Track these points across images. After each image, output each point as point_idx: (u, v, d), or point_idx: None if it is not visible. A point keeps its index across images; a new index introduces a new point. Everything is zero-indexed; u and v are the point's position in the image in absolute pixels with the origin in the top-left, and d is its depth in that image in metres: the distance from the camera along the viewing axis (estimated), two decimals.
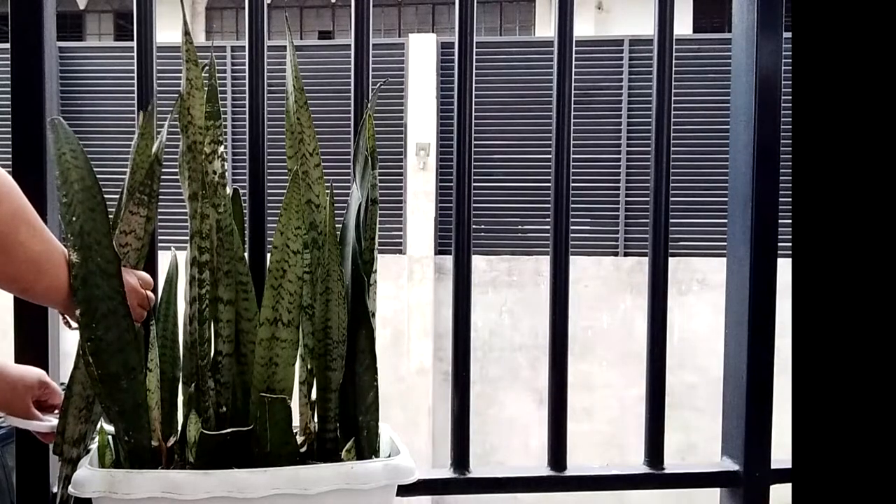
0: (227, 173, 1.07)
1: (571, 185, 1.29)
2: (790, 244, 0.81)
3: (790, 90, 0.83)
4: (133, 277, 1.02)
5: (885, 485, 0.71)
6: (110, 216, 0.98)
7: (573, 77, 1.28)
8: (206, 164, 1.04)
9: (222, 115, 1.06)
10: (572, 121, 1.28)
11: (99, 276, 0.95)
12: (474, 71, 1.26)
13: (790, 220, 0.81)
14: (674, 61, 1.29)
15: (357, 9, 1.24)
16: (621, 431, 6.77)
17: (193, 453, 1.03)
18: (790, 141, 0.82)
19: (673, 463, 1.32)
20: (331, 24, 11.09)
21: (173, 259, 1.11)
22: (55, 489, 1.13)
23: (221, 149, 1.06)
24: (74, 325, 0.95)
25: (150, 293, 1.03)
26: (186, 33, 1.03)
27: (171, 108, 1.07)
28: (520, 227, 7.11)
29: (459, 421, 1.28)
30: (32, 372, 1.11)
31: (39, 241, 0.88)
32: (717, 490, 1.32)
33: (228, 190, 1.08)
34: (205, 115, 1.04)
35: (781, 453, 1.15)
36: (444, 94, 7.04)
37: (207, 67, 1.04)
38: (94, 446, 1.06)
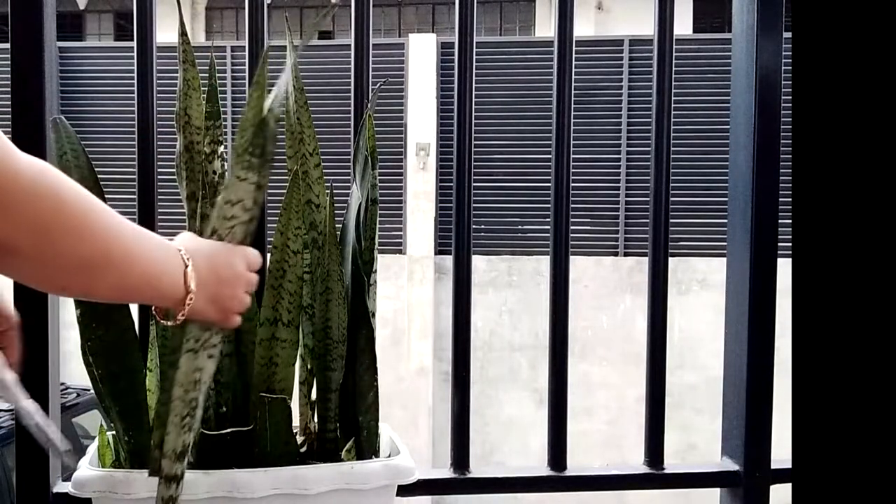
0: (227, 173, 1.07)
1: (571, 185, 1.29)
2: (790, 244, 0.81)
3: (790, 90, 0.83)
4: (237, 257, 0.84)
5: (884, 485, 0.71)
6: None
7: (573, 77, 1.28)
8: (206, 164, 1.04)
9: (222, 115, 1.06)
10: (572, 121, 1.28)
11: None
12: (474, 71, 1.26)
13: (790, 220, 0.81)
14: (674, 61, 1.28)
15: (357, 9, 1.23)
16: (621, 431, 6.77)
17: (193, 453, 1.03)
18: (790, 141, 0.82)
19: (673, 463, 1.32)
20: (331, 24, 11.08)
21: None
22: (55, 489, 1.13)
23: (221, 149, 1.06)
24: (169, 321, 0.81)
25: (254, 275, 0.86)
26: (183, 34, 1.03)
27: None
28: (520, 227, 7.11)
29: (459, 421, 1.28)
30: None
31: (85, 243, 0.72)
32: (717, 490, 1.32)
33: None
34: (205, 115, 1.04)
35: (781, 453, 1.15)
36: (444, 94, 7.04)
37: (207, 67, 1.04)
38: (93, 446, 1.06)
